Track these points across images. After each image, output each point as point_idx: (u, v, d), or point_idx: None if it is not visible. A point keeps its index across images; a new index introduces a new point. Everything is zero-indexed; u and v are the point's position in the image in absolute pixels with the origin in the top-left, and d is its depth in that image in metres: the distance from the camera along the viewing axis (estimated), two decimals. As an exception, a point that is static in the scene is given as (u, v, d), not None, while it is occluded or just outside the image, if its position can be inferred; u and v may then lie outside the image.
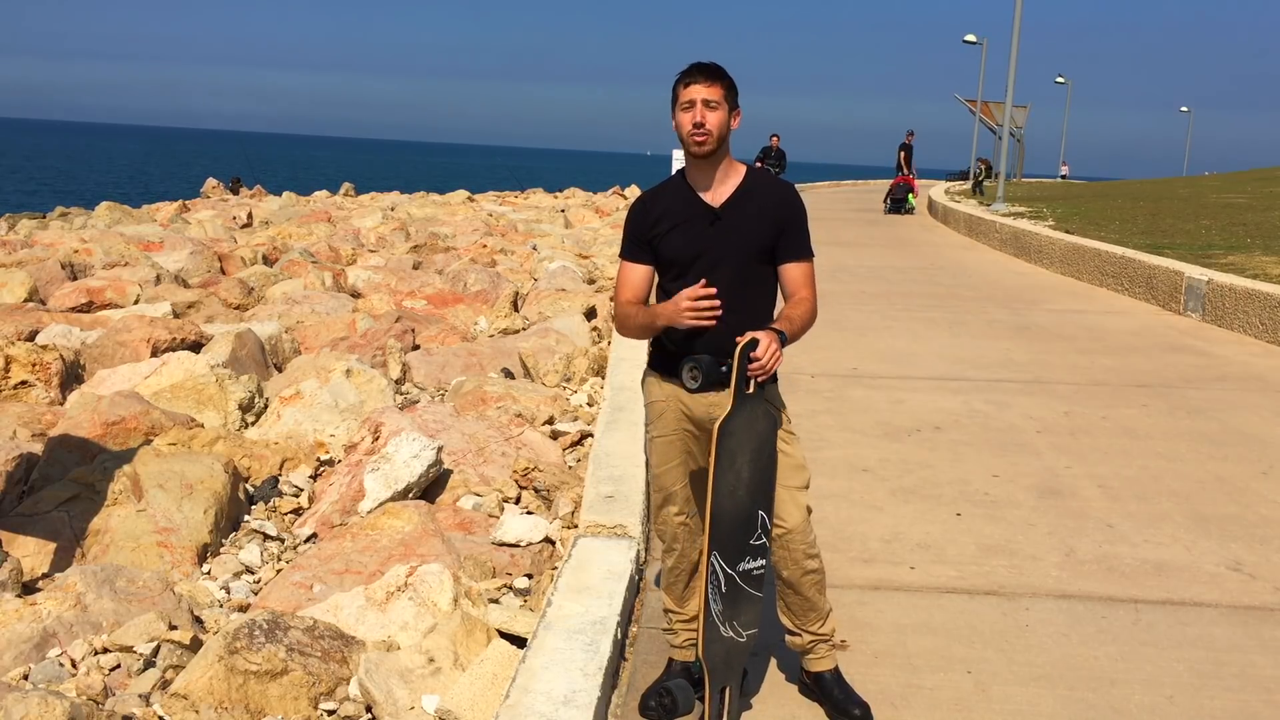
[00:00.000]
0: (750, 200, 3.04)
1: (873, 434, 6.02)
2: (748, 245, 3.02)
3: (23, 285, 9.58)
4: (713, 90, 2.97)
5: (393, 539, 4.31)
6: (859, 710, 3.07)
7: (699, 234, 3.01)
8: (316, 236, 16.12)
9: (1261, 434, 6.24)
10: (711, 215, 3.03)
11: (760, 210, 3.04)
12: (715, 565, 2.88)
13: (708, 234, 3.01)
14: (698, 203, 3.04)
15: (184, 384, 6.28)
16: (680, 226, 3.03)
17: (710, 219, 3.02)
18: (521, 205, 26.69)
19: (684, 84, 2.99)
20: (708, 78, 2.98)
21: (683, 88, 2.99)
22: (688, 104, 2.97)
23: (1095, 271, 12.96)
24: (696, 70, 3.00)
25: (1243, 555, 4.41)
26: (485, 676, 3.19)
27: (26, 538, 4.58)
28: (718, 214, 3.02)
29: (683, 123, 2.99)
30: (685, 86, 2.99)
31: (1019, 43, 22.37)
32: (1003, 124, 27.45)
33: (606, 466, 4.75)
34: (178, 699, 3.20)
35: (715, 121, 2.97)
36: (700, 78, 2.98)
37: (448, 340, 8.47)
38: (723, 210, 3.03)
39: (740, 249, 3.01)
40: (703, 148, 2.98)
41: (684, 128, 2.99)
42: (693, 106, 2.97)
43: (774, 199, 3.06)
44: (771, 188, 3.09)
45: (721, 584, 2.89)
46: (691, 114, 2.96)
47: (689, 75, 3.00)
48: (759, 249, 3.03)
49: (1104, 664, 3.47)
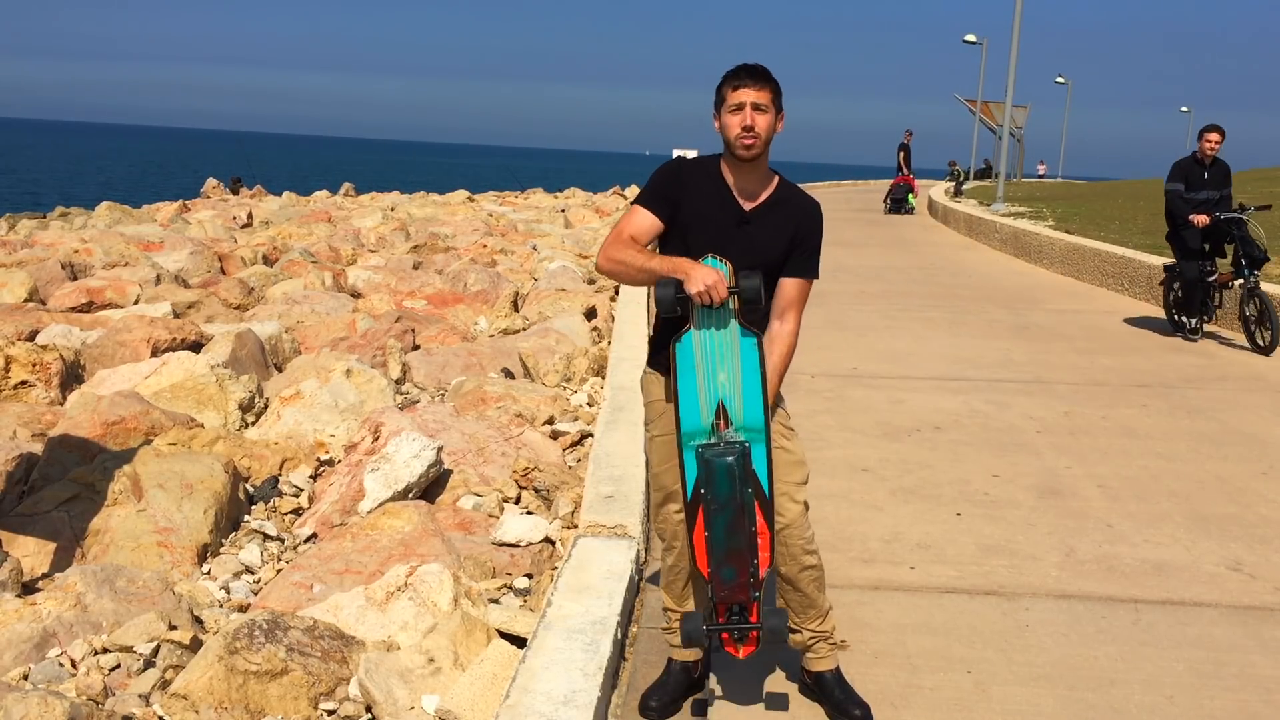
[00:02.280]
0: (779, 210, 3.04)
1: (873, 434, 6.02)
2: (767, 253, 3.02)
3: (23, 285, 9.58)
4: (762, 94, 2.94)
5: (393, 539, 4.31)
6: (859, 710, 3.07)
7: (726, 233, 3.00)
8: (316, 236, 16.12)
9: (1261, 434, 6.24)
10: (741, 218, 3.02)
11: (785, 221, 3.04)
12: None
13: (733, 235, 3.00)
14: (732, 202, 3.02)
15: (184, 384, 6.28)
16: (709, 221, 3.01)
17: (739, 221, 3.02)
18: (521, 205, 26.68)
19: (732, 87, 2.95)
20: (757, 81, 2.94)
21: (731, 90, 2.95)
22: (736, 106, 2.94)
23: (1095, 271, 12.96)
24: (745, 73, 2.95)
25: (1243, 555, 4.41)
26: (485, 676, 3.19)
27: (26, 538, 4.58)
28: (747, 218, 3.02)
29: (730, 125, 2.95)
30: (734, 89, 2.95)
31: (1019, 43, 22.38)
32: (1003, 124, 27.44)
33: (606, 466, 4.75)
34: (178, 699, 3.20)
35: (764, 125, 2.94)
36: (750, 81, 2.94)
37: (448, 340, 8.47)
38: (752, 215, 3.02)
39: (760, 255, 3.01)
40: (750, 151, 2.95)
41: (732, 130, 2.95)
42: (742, 109, 2.93)
43: (800, 214, 3.06)
44: (800, 202, 3.08)
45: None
46: (740, 117, 2.93)
47: (738, 78, 2.95)
48: (776, 259, 3.04)
49: (1104, 664, 3.47)
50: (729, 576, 2.91)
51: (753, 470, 2.89)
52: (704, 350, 2.92)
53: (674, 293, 2.87)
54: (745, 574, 2.89)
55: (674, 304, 2.87)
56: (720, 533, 2.89)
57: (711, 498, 2.88)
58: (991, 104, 41.45)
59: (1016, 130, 40.18)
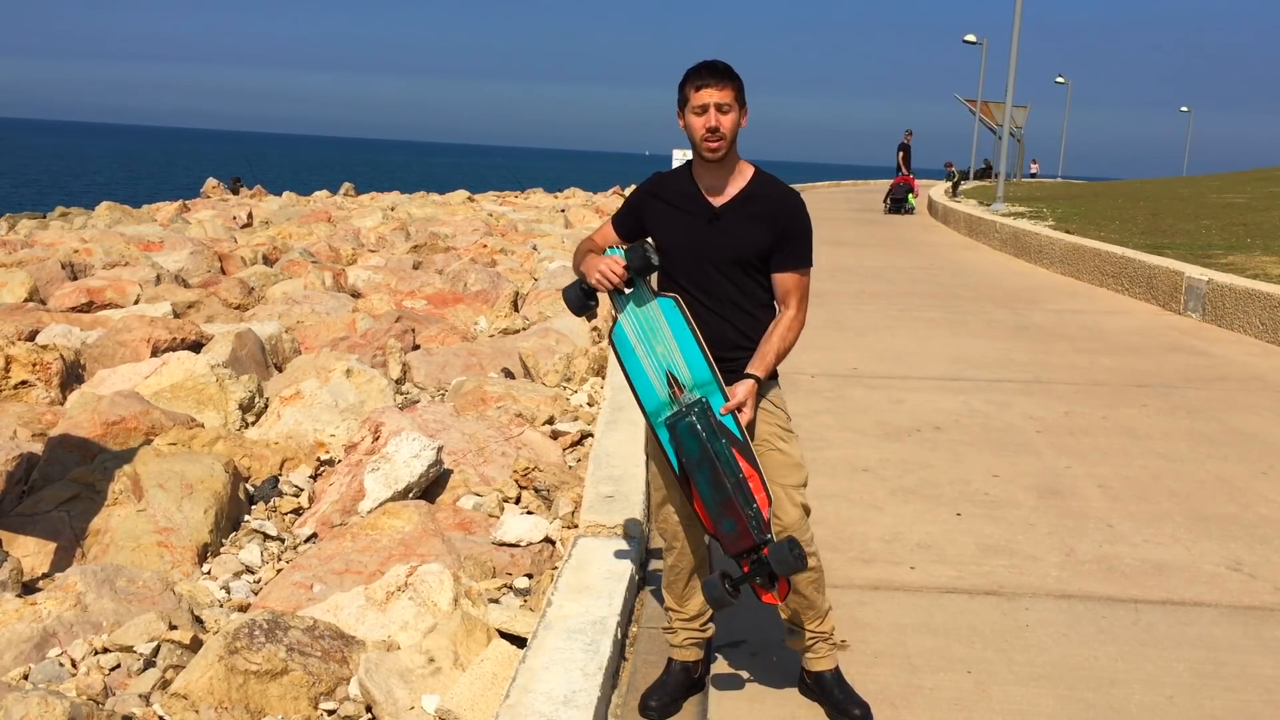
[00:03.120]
0: (751, 204, 3.04)
1: (873, 434, 6.02)
2: (741, 248, 3.01)
3: (23, 285, 9.58)
4: (725, 93, 2.93)
5: (393, 539, 4.31)
6: (859, 710, 3.07)
7: (697, 231, 3.02)
8: (316, 236, 16.12)
9: (1261, 434, 6.24)
10: (711, 214, 3.03)
11: (759, 215, 3.03)
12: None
13: (704, 232, 3.02)
14: (700, 200, 3.04)
15: (184, 384, 6.28)
16: (679, 221, 3.04)
17: (709, 218, 3.03)
18: (521, 205, 26.67)
19: (695, 87, 2.94)
20: (719, 80, 2.94)
21: (694, 91, 2.94)
22: (700, 108, 2.93)
23: (1095, 271, 12.96)
24: (707, 72, 2.94)
25: (1243, 555, 4.41)
26: (485, 676, 3.19)
27: (26, 538, 4.58)
28: (717, 214, 3.03)
29: (695, 127, 2.95)
30: (697, 90, 2.94)
31: (1019, 43, 22.38)
32: (1003, 124, 27.44)
33: (606, 466, 4.75)
34: (178, 699, 3.20)
35: (729, 125, 2.95)
36: (713, 80, 2.93)
37: (448, 340, 8.47)
38: (722, 211, 3.03)
39: (733, 251, 3.01)
40: (716, 153, 2.96)
41: (697, 132, 2.95)
42: (706, 111, 2.93)
43: (775, 205, 3.04)
44: (774, 194, 3.06)
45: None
46: (705, 119, 2.93)
47: (700, 77, 2.94)
48: (752, 253, 3.02)
49: (1104, 664, 3.47)
50: (730, 529, 2.88)
51: (719, 421, 2.90)
52: (636, 331, 3.01)
53: (578, 288, 3.07)
54: (743, 521, 2.86)
55: (581, 301, 3.09)
56: (706, 490, 2.88)
57: (687, 460, 2.91)
58: (991, 104, 41.44)
59: (1016, 130, 40.14)
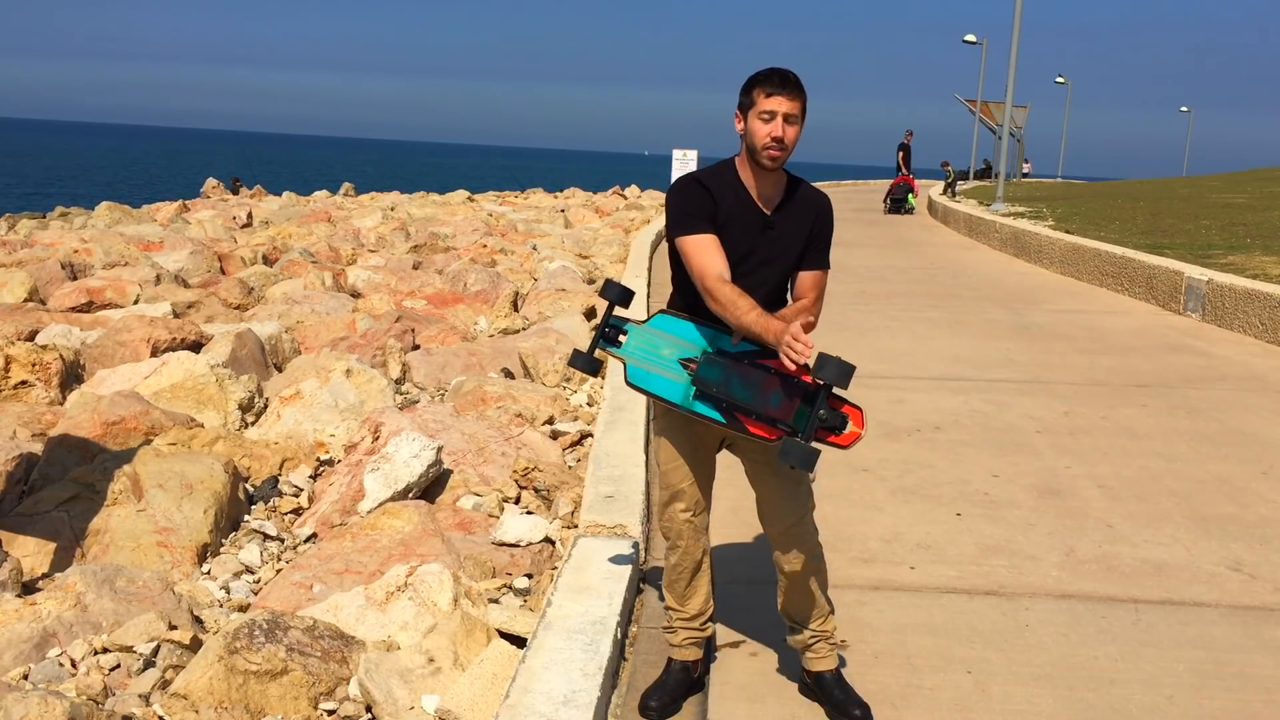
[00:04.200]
0: (796, 209, 3.05)
1: (873, 434, 6.02)
2: (791, 253, 3.05)
3: (23, 285, 9.58)
4: (794, 104, 2.89)
5: (393, 539, 4.31)
6: (859, 710, 3.07)
7: (752, 238, 3.01)
8: (316, 236, 16.11)
9: (1261, 434, 6.24)
10: (765, 223, 3.02)
11: (802, 218, 3.06)
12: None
13: (758, 240, 3.01)
14: (754, 207, 3.02)
15: (184, 384, 6.28)
16: (735, 229, 3.00)
17: (764, 227, 3.02)
18: (521, 205, 26.67)
19: (765, 93, 2.89)
20: (790, 91, 2.88)
21: (764, 96, 2.89)
22: (768, 114, 2.88)
23: (1095, 271, 12.96)
24: (780, 80, 2.89)
25: (1243, 555, 4.41)
26: (485, 676, 3.19)
27: (26, 538, 4.58)
28: (770, 223, 3.02)
29: (758, 132, 2.89)
30: (768, 96, 2.88)
31: (1019, 43, 22.38)
32: (1003, 124, 27.44)
33: (606, 466, 4.75)
34: (178, 699, 3.20)
35: (792, 137, 2.91)
36: (784, 90, 2.88)
37: (448, 340, 8.47)
38: (774, 220, 3.03)
39: (785, 256, 3.04)
40: (776, 162, 2.93)
41: (759, 138, 2.89)
42: (773, 118, 2.88)
43: (814, 210, 3.08)
44: (812, 199, 3.09)
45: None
46: (771, 126, 2.88)
47: (771, 84, 2.89)
48: (798, 256, 3.06)
49: (1104, 664, 3.47)
50: (776, 402, 2.88)
51: (731, 352, 2.98)
52: (642, 358, 3.08)
53: (588, 357, 3.23)
54: (785, 387, 2.86)
55: (594, 366, 3.24)
56: (743, 392, 2.91)
57: (719, 389, 2.93)
58: (991, 104, 41.45)
59: (1016, 130, 40.15)
